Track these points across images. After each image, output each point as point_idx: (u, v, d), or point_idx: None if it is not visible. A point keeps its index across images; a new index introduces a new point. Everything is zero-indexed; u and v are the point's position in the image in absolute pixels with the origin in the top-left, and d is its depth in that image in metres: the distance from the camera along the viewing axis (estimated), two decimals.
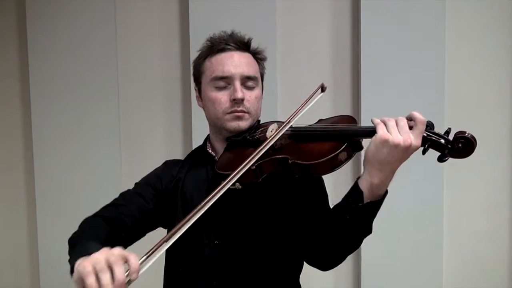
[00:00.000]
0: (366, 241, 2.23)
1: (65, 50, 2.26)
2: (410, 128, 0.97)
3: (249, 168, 1.04)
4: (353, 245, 1.11)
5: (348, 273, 2.25)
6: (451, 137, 0.99)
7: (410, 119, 0.98)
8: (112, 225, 1.13)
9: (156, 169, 1.33)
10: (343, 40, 2.19)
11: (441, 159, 0.98)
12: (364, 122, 1.97)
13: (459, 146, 0.97)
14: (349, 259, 2.24)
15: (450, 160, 1.00)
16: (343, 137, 1.03)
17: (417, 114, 0.97)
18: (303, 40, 2.20)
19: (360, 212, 1.01)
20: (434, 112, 2.07)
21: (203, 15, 2.11)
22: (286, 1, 2.18)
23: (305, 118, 1.24)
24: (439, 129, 1.02)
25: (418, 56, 2.08)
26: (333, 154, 1.00)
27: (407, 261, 2.14)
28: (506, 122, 2.17)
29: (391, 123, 0.97)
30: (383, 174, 0.98)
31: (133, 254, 0.84)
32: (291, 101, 2.09)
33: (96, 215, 1.18)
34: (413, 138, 0.95)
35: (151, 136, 2.31)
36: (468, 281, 2.21)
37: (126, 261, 0.82)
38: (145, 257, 0.86)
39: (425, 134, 0.98)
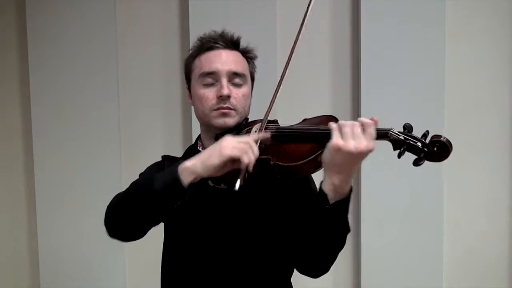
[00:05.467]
0: (366, 241, 2.23)
1: (65, 51, 2.26)
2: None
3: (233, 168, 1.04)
4: (335, 245, 1.10)
5: (348, 273, 2.26)
6: (428, 140, 0.99)
7: (361, 125, 0.99)
8: None
9: (157, 162, 1.34)
10: (343, 40, 2.19)
11: (416, 163, 0.99)
12: None
13: (434, 150, 0.98)
14: (349, 258, 2.26)
15: (450, 160, 1.00)
16: (323, 138, 1.04)
17: (364, 119, 1.00)
18: (304, 41, 2.19)
19: (329, 213, 1.03)
20: (434, 112, 2.08)
21: (203, 15, 2.11)
22: (286, 1, 2.18)
23: (293, 117, 1.24)
24: (437, 129, 1.02)
25: (418, 56, 2.08)
26: (313, 156, 1.02)
27: (407, 261, 2.14)
28: (506, 122, 2.17)
29: (346, 129, 0.99)
30: (342, 175, 1.00)
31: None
32: (291, 102, 2.09)
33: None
34: (365, 143, 0.97)
35: (151, 136, 2.31)
36: (468, 280, 2.21)
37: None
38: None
39: (402, 137, 1.00)
